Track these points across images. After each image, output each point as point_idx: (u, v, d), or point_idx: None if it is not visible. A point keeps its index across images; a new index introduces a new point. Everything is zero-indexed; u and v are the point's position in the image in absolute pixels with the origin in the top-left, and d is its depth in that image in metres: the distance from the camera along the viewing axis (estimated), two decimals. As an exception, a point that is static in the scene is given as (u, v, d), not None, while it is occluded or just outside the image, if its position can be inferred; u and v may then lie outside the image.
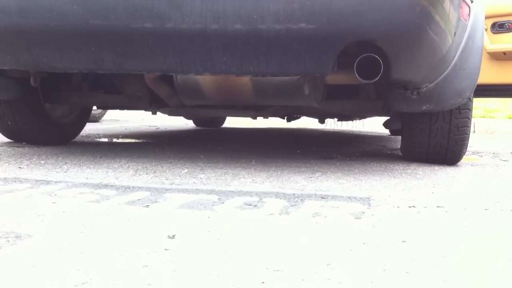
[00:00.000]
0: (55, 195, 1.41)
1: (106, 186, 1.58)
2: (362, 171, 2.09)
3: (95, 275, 0.80)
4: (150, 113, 3.25)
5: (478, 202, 1.51)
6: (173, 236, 1.03)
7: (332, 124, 7.15)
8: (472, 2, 2.12)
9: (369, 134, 5.53)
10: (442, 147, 2.39)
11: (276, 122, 6.24)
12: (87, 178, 1.71)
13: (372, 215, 1.28)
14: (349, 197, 1.50)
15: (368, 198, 1.51)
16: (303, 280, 0.80)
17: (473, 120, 3.25)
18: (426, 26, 1.66)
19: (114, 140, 3.62)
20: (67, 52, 1.79)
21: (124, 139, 3.67)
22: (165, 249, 0.94)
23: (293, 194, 1.53)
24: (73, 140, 3.10)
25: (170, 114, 3.07)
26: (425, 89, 2.02)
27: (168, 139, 3.86)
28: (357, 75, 1.71)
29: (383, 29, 1.64)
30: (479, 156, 3.16)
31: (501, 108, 9.39)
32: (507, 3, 4.22)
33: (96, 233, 1.04)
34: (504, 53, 4.18)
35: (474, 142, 4.30)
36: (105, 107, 4.40)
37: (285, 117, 3.99)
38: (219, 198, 1.43)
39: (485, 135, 6.57)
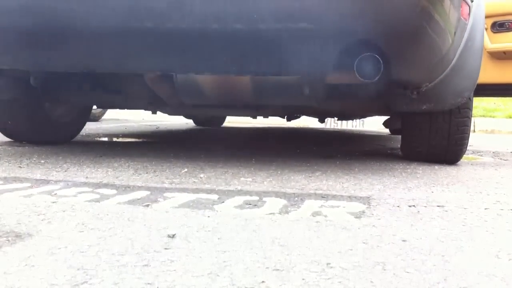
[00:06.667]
0: (55, 194, 1.41)
1: (106, 185, 1.58)
2: (362, 171, 2.09)
3: (95, 275, 0.80)
4: (150, 112, 3.25)
5: (478, 201, 1.51)
6: (173, 235, 1.03)
7: (332, 124, 7.16)
8: (472, 1, 2.12)
9: (369, 133, 5.53)
10: (442, 146, 2.39)
11: (276, 122, 6.24)
12: (87, 177, 1.71)
13: (372, 214, 1.28)
14: (349, 197, 1.50)
15: (368, 197, 1.51)
16: (303, 280, 0.81)
17: (473, 120, 3.26)
18: (426, 25, 1.66)
19: (114, 139, 3.61)
20: (67, 52, 1.79)
21: (124, 139, 3.67)
22: (165, 249, 0.94)
23: (293, 193, 1.53)
24: (73, 139, 3.10)
25: (170, 113, 3.07)
26: (425, 88, 2.02)
27: (168, 138, 3.87)
28: (357, 75, 1.71)
29: (383, 29, 1.64)
30: (479, 155, 3.16)
31: (501, 108, 9.39)
32: (507, 2, 4.22)
33: (96, 232, 1.04)
34: (504, 52, 4.17)
35: (474, 141, 4.30)
36: (105, 106, 4.40)
37: (285, 117, 3.99)
38: (219, 197, 1.43)
39: (485, 134, 6.57)
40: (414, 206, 1.41)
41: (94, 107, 3.71)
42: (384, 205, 1.40)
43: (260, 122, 6.65)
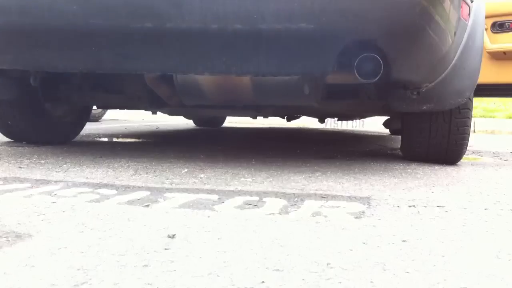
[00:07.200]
0: (55, 194, 1.41)
1: (106, 185, 1.58)
2: (362, 171, 2.09)
3: (95, 275, 0.80)
4: (150, 112, 3.25)
5: (478, 201, 1.51)
6: (173, 235, 1.03)
7: (332, 124, 7.15)
8: (472, 1, 2.12)
9: (369, 134, 5.53)
10: (442, 146, 2.39)
11: (276, 122, 6.24)
12: (87, 177, 1.71)
13: (372, 214, 1.28)
14: (349, 197, 1.50)
15: (368, 197, 1.51)
16: (303, 280, 0.80)
17: (473, 120, 3.25)
18: (426, 26, 1.66)
19: (114, 139, 3.62)
20: (67, 52, 1.79)
21: (124, 139, 3.67)
22: (165, 249, 0.94)
23: (293, 193, 1.53)
24: (73, 139, 3.10)
25: (170, 114, 3.08)
26: (425, 89, 2.02)
27: (168, 138, 3.87)
28: (357, 75, 1.71)
29: (383, 29, 1.64)
30: (479, 155, 3.16)
31: (501, 108, 9.40)
32: (507, 2, 4.22)
33: (96, 232, 1.04)
34: (504, 52, 4.18)
35: (474, 141, 4.30)
36: (105, 106, 4.41)
37: (285, 117, 3.99)
38: (219, 198, 1.43)
39: (485, 134, 6.57)
40: (414, 206, 1.41)
41: (94, 107, 3.71)
42: (384, 206, 1.40)
43: (260, 122, 6.65)
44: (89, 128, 4.48)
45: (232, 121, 6.88)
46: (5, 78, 2.29)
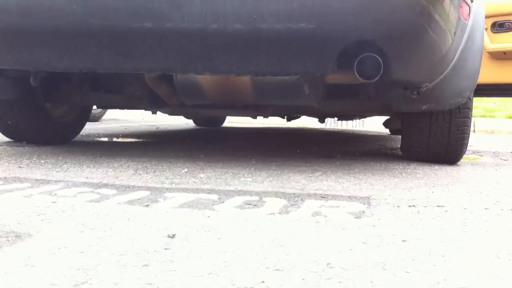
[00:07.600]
0: (55, 194, 1.41)
1: (106, 185, 1.58)
2: (362, 171, 2.09)
3: (95, 275, 0.80)
4: (150, 112, 3.25)
5: (478, 201, 1.51)
6: (173, 235, 1.03)
7: (332, 124, 7.15)
8: (472, 1, 2.12)
9: (369, 133, 5.53)
10: (442, 146, 2.39)
11: (276, 122, 6.24)
12: (87, 177, 1.71)
13: (372, 214, 1.28)
14: (349, 197, 1.50)
15: (368, 197, 1.51)
16: (303, 280, 0.81)
17: (473, 120, 3.26)
18: (426, 25, 1.66)
19: (114, 139, 3.62)
20: (67, 52, 1.79)
21: (124, 139, 3.67)
22: (165, 249, 0.94)
23: (293, 193, 1.53)
24: (73, 139, 3.10)
25: (170, 113, 3.07)
26: (425, 88, 2.02)
27: (168, 138, 3.87)
28: (357, 75, 1.71)
29: (383, 29, 1.64)
30: (479, 155, 3.16)
31: (501, 108, 9.40)
32: (507, 2, 4.22)
33: (96, 232, 1.04)
34: (504, 52, 4.18)
35: (474, 141, 4.30)
36: (105, 106, 4.41)
37: (285, 117, 3.99)
38: (219, 198, 1.43)
39: (485, 134, 6.57)
40: (414, 206, 1.41)
41: (94, 107, 3.71)
42: (384, 205, 1.40)
43: (260, 122, 6.65)
44: (89, 128, 4.48)
45: (232, 121, 6.88)
46: (5, 78, 2.29)
